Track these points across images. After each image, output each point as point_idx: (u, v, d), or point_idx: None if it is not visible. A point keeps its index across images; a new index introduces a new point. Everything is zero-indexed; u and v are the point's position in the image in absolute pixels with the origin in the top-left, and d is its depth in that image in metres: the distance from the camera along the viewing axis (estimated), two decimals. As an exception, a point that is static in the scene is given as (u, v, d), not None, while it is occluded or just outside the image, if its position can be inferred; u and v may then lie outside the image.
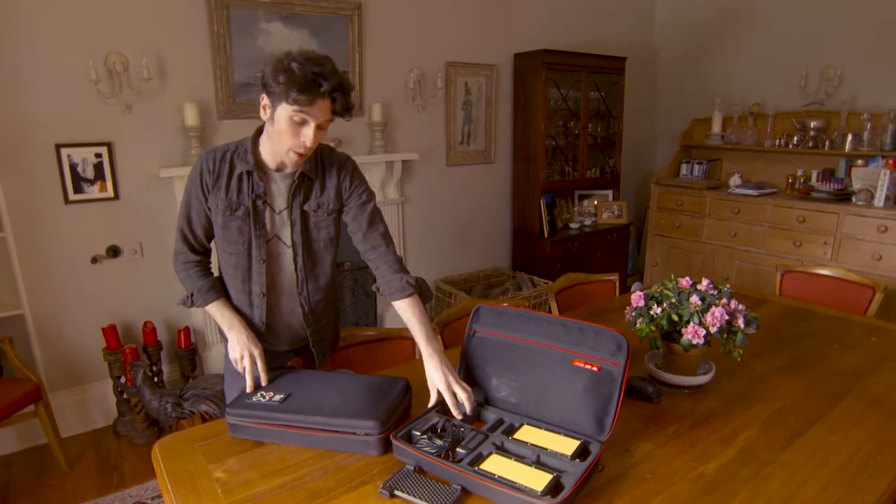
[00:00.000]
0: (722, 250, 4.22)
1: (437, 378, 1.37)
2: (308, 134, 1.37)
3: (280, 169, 1.51)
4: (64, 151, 2.70)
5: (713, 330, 1.52)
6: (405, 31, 3.65)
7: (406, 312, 1.52)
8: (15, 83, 2.58)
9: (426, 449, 1.23)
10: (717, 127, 4.48)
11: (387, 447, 1.30)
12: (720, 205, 4.18)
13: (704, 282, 1.64)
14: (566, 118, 4.32)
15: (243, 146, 1.50)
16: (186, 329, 3.08)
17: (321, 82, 1.32)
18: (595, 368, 1.31)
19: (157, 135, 2.93)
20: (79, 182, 2.77)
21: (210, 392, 2.75)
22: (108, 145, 2.81)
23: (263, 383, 1.46)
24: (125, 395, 2.93)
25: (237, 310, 1.60)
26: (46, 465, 2.71)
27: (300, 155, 1.42)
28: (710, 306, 1.56)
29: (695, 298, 1.57)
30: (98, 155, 2.78)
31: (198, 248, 1.59)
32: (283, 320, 1.64)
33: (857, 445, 1.35)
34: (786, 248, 3.84)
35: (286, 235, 1.55)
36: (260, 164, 1.49)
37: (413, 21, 3.67)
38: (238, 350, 1.49)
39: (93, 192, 2.81)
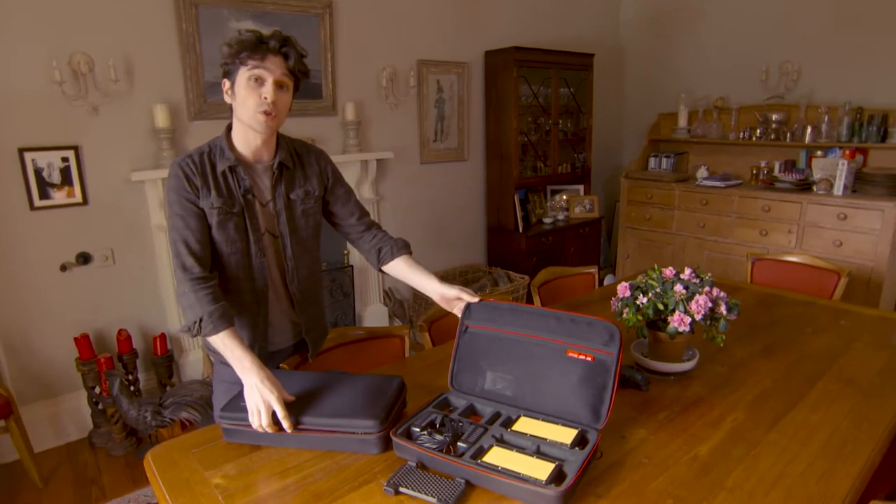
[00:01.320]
0: (691, 241, 4.33)
1: (454, 291, 1.58)
2: (268, 90, 1.39)
3: (258, 161, 1.52)
4: (28, 156, 2.61)
5: (698, 317, 1.56)
6: (377, 29, 3.63)
7: (412, 265, 1.68)
8: (-26, 86, 2.48)
9: (427, 444, 1.24)
10: (683, 121, 4.59)
11: (387, 445, 1.30)
12: (688, 197, 4.29)
13: (687, 271, 1.69)
14: (537, 114, 4.37)
15: (217, 144, 1.49)
16: (162, 336, 3.01)
17: (268, 40, 1.38)
18: (589, 358, 1.34)
19: (127, 137, 2.85)
20: (44, 187, 2.68)
21: (190, 399, 2.70)
22: (76, 149, 2.72)
23: (287, 429, 1.30)
24: (101, 406, 2.85)
25: (244, 326, 1.56)
26: (19, 483, 2.62)
27: (266, 113, 1.40)
28: (693, 294, 1.61)
29: (679, 287, 1.62)
30: (65, 159, 2.70)
31: (205, 258, 1.46)
32: (278, 313, 1.63)
33: (836, 423, 1.42)
34: (752, 237, 3.97)
35: (274, 227, 1.55)
36: (240, 159, 1.49)
37: (385, 19, 3.66)
38: (254, 399, 1.29)
39: (60, 197, 2.72)
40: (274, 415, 1.29)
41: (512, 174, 4.18)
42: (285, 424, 1.28)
